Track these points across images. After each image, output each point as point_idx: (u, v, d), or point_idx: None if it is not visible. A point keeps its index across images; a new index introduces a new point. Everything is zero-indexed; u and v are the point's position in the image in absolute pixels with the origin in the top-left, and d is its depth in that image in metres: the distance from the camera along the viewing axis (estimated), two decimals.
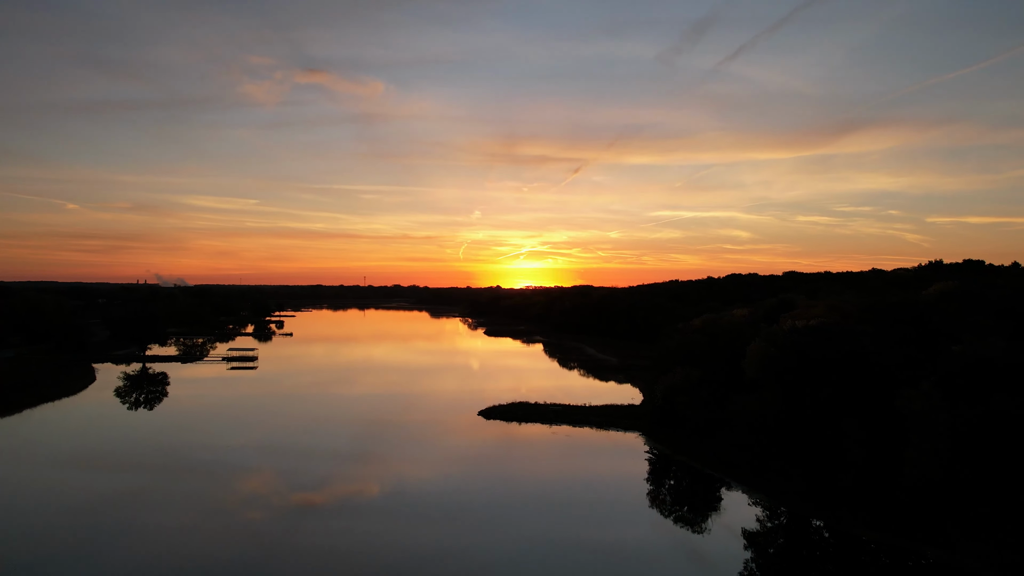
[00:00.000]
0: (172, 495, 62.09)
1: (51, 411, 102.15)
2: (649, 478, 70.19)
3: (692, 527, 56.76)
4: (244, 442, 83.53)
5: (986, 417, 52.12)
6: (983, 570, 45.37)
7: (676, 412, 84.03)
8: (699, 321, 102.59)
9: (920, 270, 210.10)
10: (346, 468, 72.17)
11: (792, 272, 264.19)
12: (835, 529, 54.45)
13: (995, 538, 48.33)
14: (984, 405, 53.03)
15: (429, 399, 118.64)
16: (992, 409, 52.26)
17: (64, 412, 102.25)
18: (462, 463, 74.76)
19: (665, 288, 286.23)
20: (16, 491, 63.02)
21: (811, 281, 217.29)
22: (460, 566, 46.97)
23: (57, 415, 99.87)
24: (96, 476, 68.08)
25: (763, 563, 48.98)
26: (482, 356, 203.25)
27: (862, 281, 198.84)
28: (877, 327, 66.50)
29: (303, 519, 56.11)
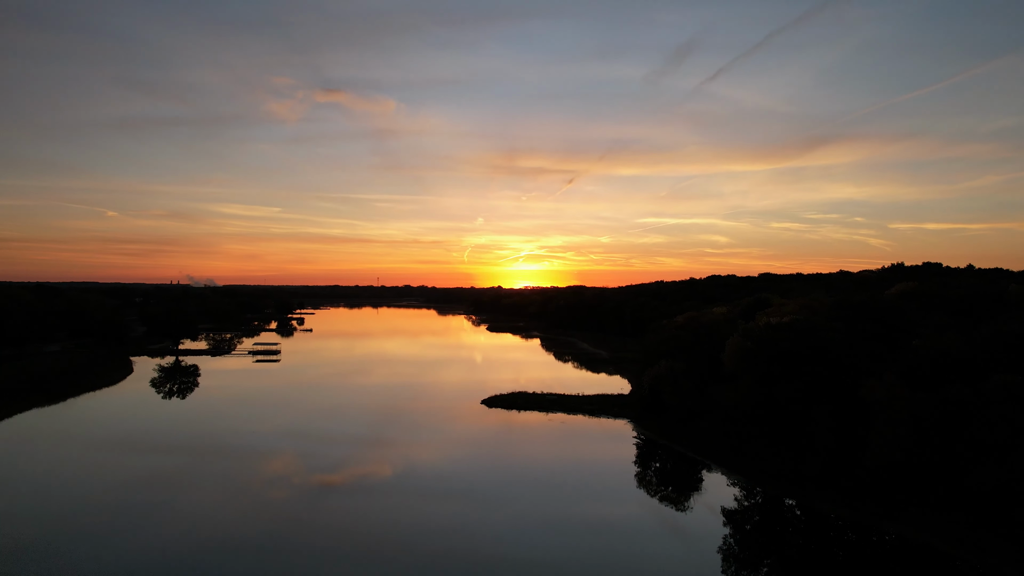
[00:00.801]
0: (203, 475, 62.00)
1: (93, 400, 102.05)
2: (636, 461, 70.09)
3: (675, 505, 56.68)
4: (268, 428, 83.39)
5: (943, 405, 52.09)
6: (939, 543, 45.32)
7: (661, 401, 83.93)
8: (682, 318, 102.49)
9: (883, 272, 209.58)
10: (361, 451, 72.09)
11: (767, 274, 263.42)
12: (806, 507, 54.40)
13: (950, 514, 48.31)
14: (941, 394, 53.01)
15: (436, 389, 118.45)
16: (948, 397, 52.23)
17: (105, 401, 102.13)
18: (467, 447, 74.67)
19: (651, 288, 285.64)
20: (63, 471, 62.89)
21: (784, 282, 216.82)
22: (465, 539, 46.90)
23: (99, 403, 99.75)
24: (134, 458, 67.92)
25: (740, 538, 48.88)
26: (484, 350, 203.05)
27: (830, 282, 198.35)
28: (844, 323, 66.42)
29: (322, 498, 56.04)
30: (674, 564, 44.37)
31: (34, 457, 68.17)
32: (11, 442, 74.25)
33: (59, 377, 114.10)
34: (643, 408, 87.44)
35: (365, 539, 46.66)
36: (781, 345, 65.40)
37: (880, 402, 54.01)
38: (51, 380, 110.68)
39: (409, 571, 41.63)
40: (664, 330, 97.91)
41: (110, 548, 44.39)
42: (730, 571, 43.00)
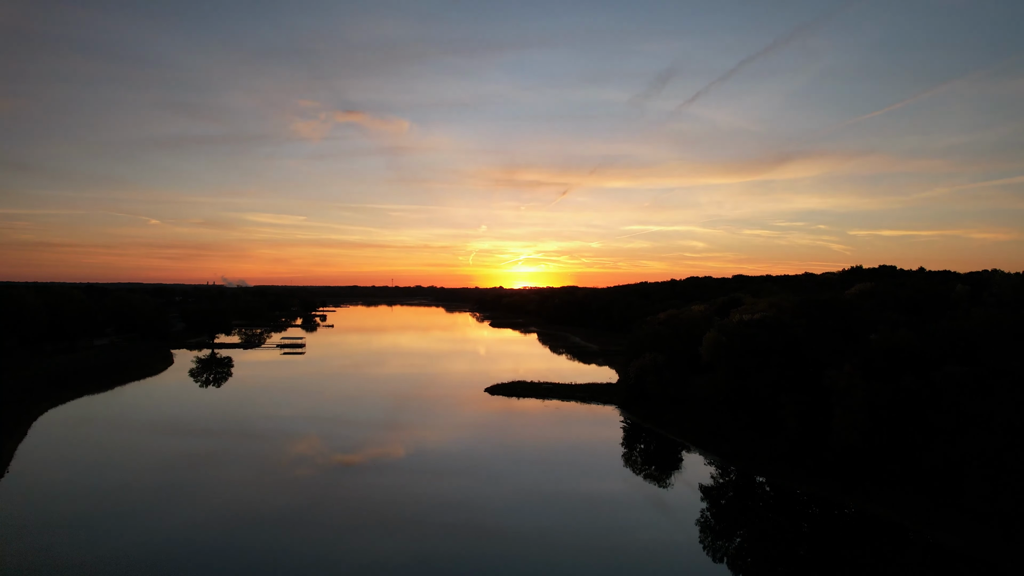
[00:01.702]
0: (236, 456, 61.98)
1: (138, 388, 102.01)
2: (623, 443, 70.03)
3: (658, 482, 56.62)
4: (294, 413, 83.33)
5: (897, 393, 52.09)
6: (894, 517, 45.34)
7: (645, 389, 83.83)
8: (664, 315, 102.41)
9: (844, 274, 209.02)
10: (377, 434, 72.04)
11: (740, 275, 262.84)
12: (775, 485, 54.37)
13: (904, 490, 48.30)
14: (895, 383, 53.00)
15: (444, 378, 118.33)
16: (902, 387, 52.23)
17: (149, 389, 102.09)
18: (471, 430, 74.63)
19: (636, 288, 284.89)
20: (112, 452, 62.91)
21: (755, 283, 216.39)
22: (470, 512, 46.92)
23: (143, 391, 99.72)
24: (174, 440, 67.93)
25: (716, 512, 48.87)
26: (487, 343, 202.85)
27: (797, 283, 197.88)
28: (809, 320, 66.36)
29: (342, 475, 56.03)
30: (656, 533, 44.39)
31: (87, 439, 68.19)
32: (67, 425, 74.23)
33: (108, 368, 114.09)
34: (629, 396, 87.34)
35: (381, 512, 46.66)
36: (752, 339, 65.43)
37: (841, 390, 53.99)
38: (101, 370, 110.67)
39: (420, 541, 41.65)
40: (648, 326, 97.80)
41: (152, 520, 44.41)
42: (707, 540, 43.01)
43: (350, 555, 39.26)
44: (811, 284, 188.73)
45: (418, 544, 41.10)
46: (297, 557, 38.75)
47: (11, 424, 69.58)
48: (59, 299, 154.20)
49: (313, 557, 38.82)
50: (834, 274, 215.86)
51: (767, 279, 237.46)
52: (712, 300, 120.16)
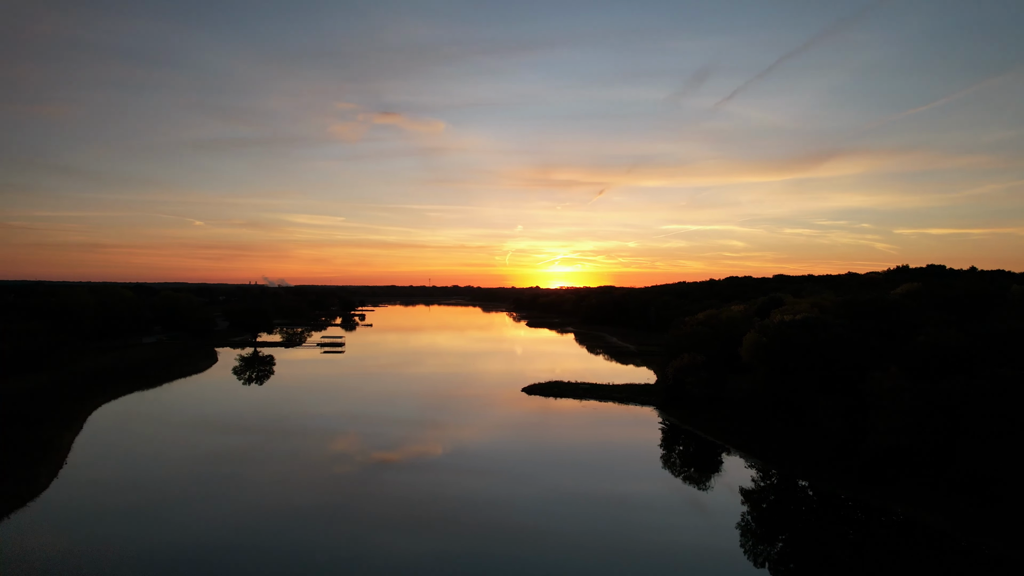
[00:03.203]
0: (277, 451, 63.34)
1: (184, 385, 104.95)
2: (661, 444, 69.37)
3: (697, 484, 55.98)
4: (334, 411, 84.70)
5: (943, 395, 50.51)
6: (939, 523, 43.96)
7: (684, 390, 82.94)
8: (702, 315, 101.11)
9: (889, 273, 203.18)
10: (415, 432, 72.77)
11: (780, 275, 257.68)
12: (817, 488, 53.24)
13: (949, 496, 46.80)
14: (942, 385, 51.40)
15: (481, 377, 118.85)
16: (948, 389, 50.63)
17: (194, 386, 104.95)
18: (508, 430, 74.85)
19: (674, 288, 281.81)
20: (158, 447, 64.89)
21: (796, 283, 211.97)
22: (506, 511, 47.10)
23: (189, 388, 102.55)
24: (218, 436, 69.76)
25: (757, 515, 48.10)
26: (524, 343, 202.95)
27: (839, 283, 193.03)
28: (851, 320, 64.82)
29: (381, 472, 56.80)
30: (694, 536, 43.90)
31: (137, 433, 70.52)
32: (119, 419, 76.88)
33: (156, 365, 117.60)
34: (667, 396, 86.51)
35: (418, 510, 47.18)
36: (793, 340, 64.19)
37: (884, 392, 52.60)
38: (149, 367, 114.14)
39: (456, 539, 42.02)
40: (686, 326, 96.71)
41: (197, 512, 45.76)
42: (748, 545, 42.35)
43: (385, 551, 39.81)
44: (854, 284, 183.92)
45: (453, 542, 41.46)
46: (334, 552, 39.50)
47: (69, 418, 72.34)
48: (111, 298, 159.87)
49: (349, 552, 39.52)
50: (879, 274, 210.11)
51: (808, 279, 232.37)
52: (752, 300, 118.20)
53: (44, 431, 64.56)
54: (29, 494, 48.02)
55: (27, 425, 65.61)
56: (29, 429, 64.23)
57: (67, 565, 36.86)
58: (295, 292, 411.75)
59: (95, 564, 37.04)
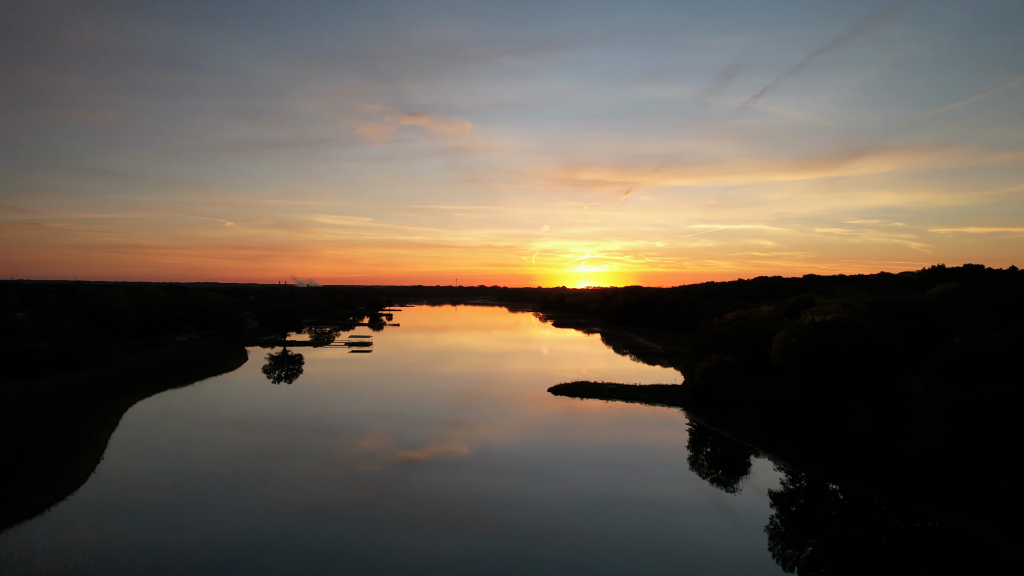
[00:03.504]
0: (305, 449, 64.20)
1: (216, 383, 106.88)
2: (689, 445, 68.74)
3: (725, 487, 55.36)
4: (361, 409, 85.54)
5: (981, 398, 49.22)
6: (975, 530, 42.87)
7: (712, 391, 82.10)
8: (731, 315, 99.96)
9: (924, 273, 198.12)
10: (441, 431, 73.16)
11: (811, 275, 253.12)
12: (848, 492, 52.32)
13: (987, 503, 45.60)
14: (980, 388, 50.09)
15: (507, 377, 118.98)
16: (987, 391, 49.32)
17: (225, 384, 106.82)
18: (534, 429, 74.86)
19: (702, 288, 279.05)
20: (190, 443, 66.22)
21: (827, 283, 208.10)
22: (531, 511, 47.10)
23: (220, 386, 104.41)
24: (248, 433, 70.93)
25: (786, 519, 47.42)
26: (550, 343, 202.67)
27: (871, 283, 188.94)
28: (884, 321, 63.52)
29: (407, 471, 57.22)
30: (721, 539, 43.45)
31: (170, 430, 72.07)
32: (152, 417, 78.64)
33: (189, 363, 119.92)
34: (695, 397, 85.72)
35: (443, 508, 47.46)
36: (824, 341, 63.16)
37: (919, 395, 51.45)
38: (182, 366, 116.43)
39: (483, 538, 42.20)
40: (714, 326, 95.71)
41: (228, 508, 46.64)
42: (776, 548, 41.79)
43: (412, 550, 40.11)
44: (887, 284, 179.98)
45: (480, 542, 41.63)
46: (361, 549, 39.96)
47: (105, 415, 74.21)
48: (146, 298, 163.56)
49: (377, 550, 39.93)
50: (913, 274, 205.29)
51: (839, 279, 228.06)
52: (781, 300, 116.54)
53: (83, 427, 66.32)
54: (68, 488, 49.44)
55: (67, 421, 67.48)
56: (69, 425, 66.06)
57: (104, 558, 37.85)
58: (323, 292, 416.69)
59: (131, 557, 37.98)
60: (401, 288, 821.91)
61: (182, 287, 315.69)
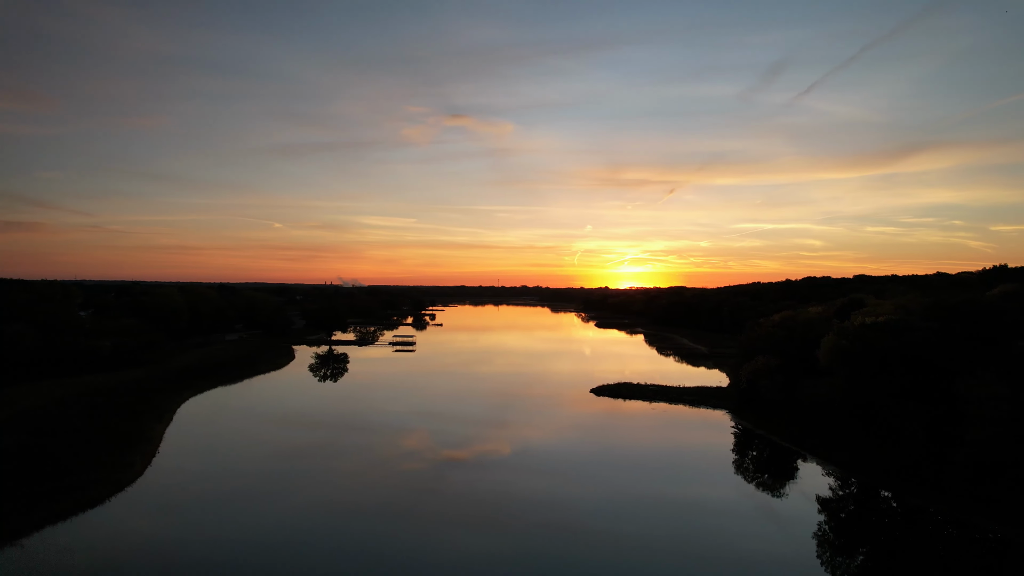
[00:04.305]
0: (350, 447, 65.35)
1: (264, 381, 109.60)
2: (734, 449, 67.55)
3: (770, 491, 54.18)
4: (404, 408, 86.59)
5: None
6: None
7: (758, 393, 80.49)
8: (778, 317, 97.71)
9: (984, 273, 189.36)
10: (483, 431, 73.54)
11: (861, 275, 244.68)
12: (901, 500, 50.64)
13: None
14: None
15: (549, 377, 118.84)
16: None
17: (273, 382, 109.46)
18: (576, 430, 74.65)
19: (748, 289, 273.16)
20: (240, 439, 68.18)
21: (879, 283, 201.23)
22: (573, 512, 46.97)
23: (268, 384, 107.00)
24: (295, 430, 72.56)
25: (835, 525, 46.19)
26: (592, 344, 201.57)
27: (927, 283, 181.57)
28: (940, 323, 61.23)
29: (449, 470, 57.71)
30: (767, 544, 42.55)
31: (221, 426, 74.35)
32: (204, 413, 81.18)
33: (238, 361, 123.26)
34: (740, 400, 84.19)
35: (484, 508, 47.74)
36: (875, 343, 61.28)
37: (978, 400, 49.47)
38: (232, 364, 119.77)
39: (524, 538, 42.28)
40: (760, 328, 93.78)
41: (274, 504, 47.80)
42: (825, 556, 40.75)
43: (453, 549, 40.47)
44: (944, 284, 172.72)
45: (519, 541, 41.72)
46: (404, 546, 40.48)
47: (160, 410, 76.95)
48: (198, 298, 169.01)
49: (418, 548, 40.38)
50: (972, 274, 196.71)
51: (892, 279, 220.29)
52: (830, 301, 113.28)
53: (140, 423, 68.92)
54: (127, 480, 51.47)
55: (126, 417, 70.21)
56: (128, 420, 68.72)
57: (159, 548, 39.33)
58: (368, 292, 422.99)
59: (184, 548, 39.38)
60: (444, 288, 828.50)
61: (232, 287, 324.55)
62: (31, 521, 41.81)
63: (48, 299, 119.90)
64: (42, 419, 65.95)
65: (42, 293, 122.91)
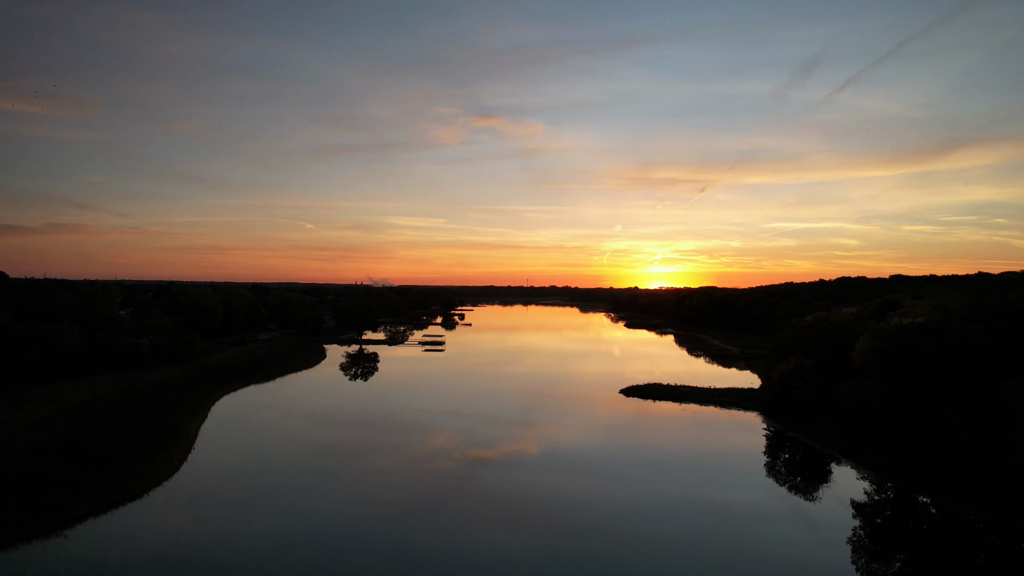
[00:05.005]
0: (380, 445, 66.03)
1: (296, 379, 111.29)
2: (765, 451, 66.59)
3: (803, 495, 53.32)
4: (434, 407, 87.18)
5: None
6: None
7: (790, 395, 79.25)
8: (811, 317, 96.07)
9: None
10: (512, 431, 73.69)
11: (898, 276, 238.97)
12: (941, 506, 49.40)
13: None
14: None
15: (578, 378, 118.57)
16: None
17: (305, 380, 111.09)
18: (605, 431, 74.37)
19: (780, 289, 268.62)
20: (272, 436, 69.31)
21: (917, 283, 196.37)
22: (601, 513, 46.82)
23: (300, 382, 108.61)
24: (326, 428, 73.57)
25: (871, 531, 45.25)
26: (622, 344, 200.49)
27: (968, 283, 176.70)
28: (983, 325, 59.59)
29: (478, 469, 57.97)
30: (799, 548, 41.90)
31: (254, 423, 75.76)
32: (238, 410, 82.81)
33: (271, 360, 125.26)
34: (772, 402, 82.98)
35: (514, 508, 47.86)
36: (913, 345, 59.90)
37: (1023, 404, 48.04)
38: (265, 362, 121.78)
39: (552, 538, 42.28)
40: (793, 328, 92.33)
41: (304, 500, 48.53)
42: (860, 562, 39.94)
43: (478, 546, 40.68)
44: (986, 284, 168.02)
45: (548, 542, 41.70)
46: (433, 544, 40.79)
47: (196, 407, 78.64)
48: (233, 297, 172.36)
49: (447, 545, 40.67)
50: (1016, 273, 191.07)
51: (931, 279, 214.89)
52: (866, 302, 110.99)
53: (176, 419, 70.53)
54: (164, 475, 52.73)
55: (163, 413, 71.91)
56: (165, 417, 70.39)
57: (197, 541, 40.26)
58: (398, 292, 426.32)
59: (221, 542, 40.27)
60: (473, 288, 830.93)
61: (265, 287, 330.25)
62: (76, 514, 43.19)
63: (91, 298, 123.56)
64: (86, 414, 67.93)
65: (85, 292, 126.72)
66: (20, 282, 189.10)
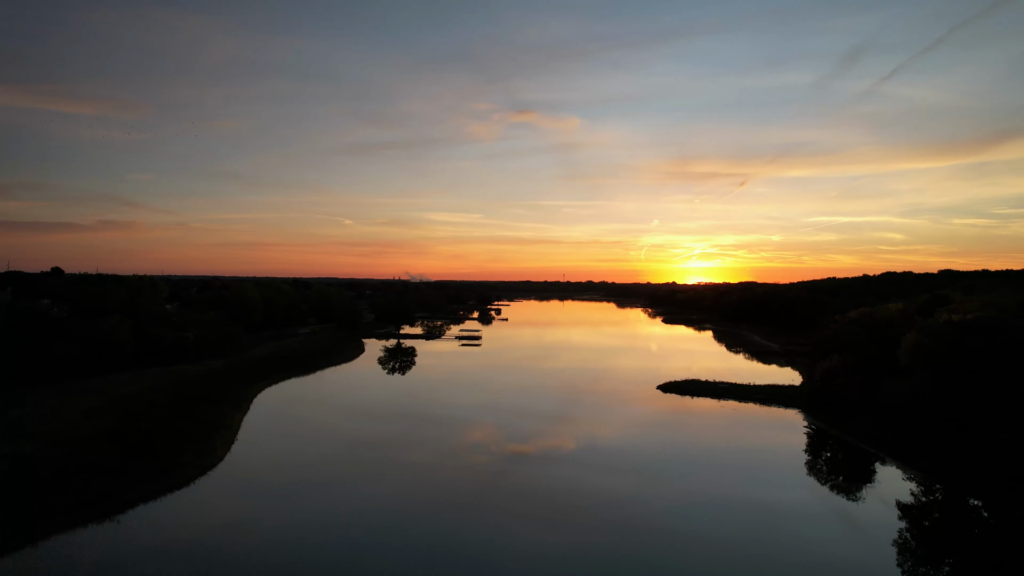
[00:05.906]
0: (418, 439, 66.70)
1: (335, 373, 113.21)
2: (806, 450, 65.30)
3: (846, 495, 52.17)
4: (471, 402, 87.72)
5: None
6: None
7: (832, 393, 77.54)
8: (855, 314, 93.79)
9: None
10: (549, 426, 73.73)
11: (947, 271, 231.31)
12: (993, 509, 47.82)
13: None
14: None
15: (615, 373, 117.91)
16: None
17: (343, 374, 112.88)
18: (642, 427, 73.86)
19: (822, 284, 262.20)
20: (313, 428, 70.67)
21: (967, 278, 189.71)
22: (639, 510, 46.64)
23: (339, 376, 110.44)
24: (364, 422, 74.66)
25: (917, 533, 44.07)
26: (659, 340, 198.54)
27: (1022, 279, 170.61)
28: None
29: (515, 464, 58.19)
30: (841, 549, 41.00)
31: (295, 416, 77.32)
32: (280, 403, 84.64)
33: (311, 354, 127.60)
34: (813, 399, 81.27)
35: (548, 503, 47.92)
36: (963, 343, 57.99)
37: None
38: (305, 356, 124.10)
39: (589, 535, 42.26)
40: (836, 325, 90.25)
41: (344, 492, 49.49)
42: (906, 565, 38.94)
43: (515, 541, 40.87)
44: None
45: (583, 537, 41.68)
46: (472, 538, 41.22)
47: (239, 399, 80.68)
48: (274, 292, 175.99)
49: (486, 539, 41.04)
50: None
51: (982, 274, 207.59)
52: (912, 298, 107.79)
53: (220, 410, 72.48)
54: (208, 465, 54.33)
55: (208, 405, 73.96)
56: (209, 408, 72.39)
57: (242, 529, 41.42)
58: (435, 287, 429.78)
59: (264, 531, 41.31)
60: (509, 283, 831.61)
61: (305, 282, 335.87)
62: (127, 499, 44.97)
63: (139, 293, 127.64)
64: (137, 404, 70.26)
65: (134, 287, 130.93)
66: (75, 277, 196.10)
